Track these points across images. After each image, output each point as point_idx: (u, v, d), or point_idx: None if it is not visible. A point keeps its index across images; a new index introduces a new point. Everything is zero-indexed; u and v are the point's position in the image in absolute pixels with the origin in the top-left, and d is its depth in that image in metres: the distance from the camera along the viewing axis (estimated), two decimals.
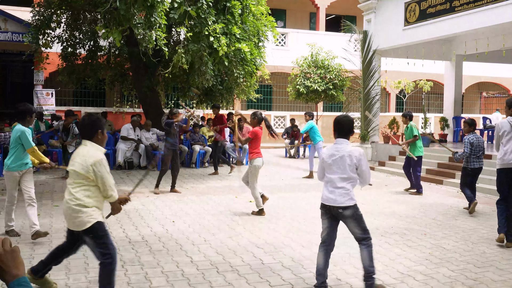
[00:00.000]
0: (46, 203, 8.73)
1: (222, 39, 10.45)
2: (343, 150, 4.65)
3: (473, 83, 27.26)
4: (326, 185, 4.73)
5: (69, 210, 4.18)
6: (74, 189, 4.18)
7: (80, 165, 4.12)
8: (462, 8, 12.93)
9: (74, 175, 4.17)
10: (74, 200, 4.15)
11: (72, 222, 4.21)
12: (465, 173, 8.70)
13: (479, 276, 5.31)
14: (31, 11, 13.41)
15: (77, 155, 4.21)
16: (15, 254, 1.67)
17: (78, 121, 13.30)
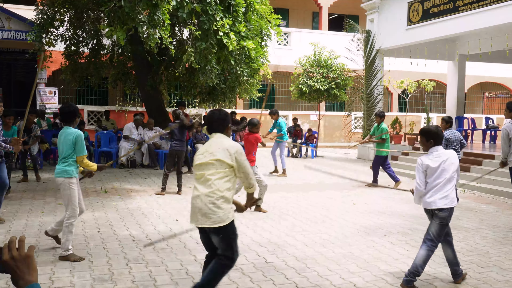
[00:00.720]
0: (50, 201, 8.76)
1: (231, 34, 10.45)
2: (445, 154, 4.98)
3: (475, 83, 27.22)
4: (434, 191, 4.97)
5: (208, 204, 3.97)
6: (217, 181, 3.99)
7: (223, 153, 4.02)
8: (465, 8, 12.93)
9: (217, 165, 4.02)
10: (218, 192, 3.97)
11: (207, 217, 3.97)
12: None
13: (483, 276, 5.31)
14: (35, 9, 13.43)
15: (212, 146, 4.10)
16: (30, 260, 1.64)
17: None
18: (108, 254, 5.72)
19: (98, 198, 9.17)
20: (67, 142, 5.50)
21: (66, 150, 5.52)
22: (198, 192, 4.03)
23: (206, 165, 4.04)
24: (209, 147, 4.12)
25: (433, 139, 5.01)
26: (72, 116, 5.64)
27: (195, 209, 4.05)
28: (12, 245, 1.63)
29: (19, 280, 1.61)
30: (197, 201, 4.02)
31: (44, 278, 4.84)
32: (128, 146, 13.51)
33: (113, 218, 7.56)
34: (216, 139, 4.17)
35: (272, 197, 9.70)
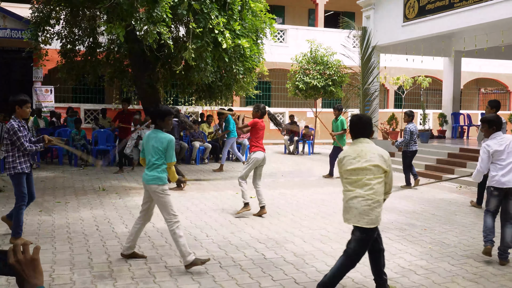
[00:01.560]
0: (48, 199, 8.77)
1: (226, 32, 10.47)
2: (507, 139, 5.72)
3: (471, 79, 27.31)
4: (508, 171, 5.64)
5: (368, 206, 4.22)
6: (376, 185, 4.25)
7: (379, 159, 4.27)
8: (461, 4, 12.97)
9: (374, 170, 4.25)
10: (375, 196, 4.23)
11: (363, 218, 4.22)
12: (406, 156, 10.88)
13: (480, 271, 5.36)
14: (30, 7, 13.40)
15: (365, 152, 4.30)
16: (36, 263, 1.64)
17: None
18: (108, 251, 5.74)
19: (96, 196, 9.19)
20: (159, 147, 5.19)
21: (158, 155, 5.21)
22: (356, 194, 4.28)
23: (363, 170, 4.26)
24: (361, 152, 4.31)
25: (495, 126, 5.77)
26: (164, 116, 5.32)
27: (352, 210, 4.29)
28: (17, 249, 1.63)
29: (25, 284, 1.61)
30: (356, 202, 4.27)
31: (44, 275, 4.83)
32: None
33: (111, 216, 7.58)
34: (367, 144, 4.39)
35: (271, 194, 9.74)
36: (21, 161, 5.92)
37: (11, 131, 5.77)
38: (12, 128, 5.75)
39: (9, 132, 5.78)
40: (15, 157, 5.88)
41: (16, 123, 5.80)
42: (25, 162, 5.98)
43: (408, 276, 5.16)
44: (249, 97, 21.37)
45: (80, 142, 13.31)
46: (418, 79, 21.85)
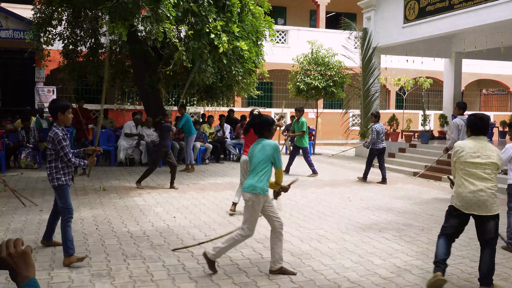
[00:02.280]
0: (49, 199, 8.82)
1: (223, 36, 10.54)
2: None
3: (473, 80, 27.32)
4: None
5: (490, 196, 4.79)
6: (494, 178, 4.87)
7: (497, 157, 4.85)
8: (460, 5, 13.01)
9: (492, 166, 4.83)
10: (495, 188, 4.82)
11: (488, 207, 4.79)
12: (372, 153, 11.64)
13: (474, 270, 5.40)
14: (33, 8, 13.49)
15: (485, 149, 4.85)
16: (27, 256, 1.72)
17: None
18: (106, 250, 5.80)
19: (96, 196, 9.26)
20: (264, 154, 5.10)
21: (263, 163, 5.11)
22: (479, 187, 4.80)
23: (482, 165, 4.82)
24: (482, 149, 4.86)
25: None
26: (267, 127, 5.27)
27: (477, 201, 4.81)
28: (9, 243, 1.71)
29: (17, 276, 1.69)
30: (481, 194, 4.79)
31: (43, 274, 4.93)
32: (127, 145, 13.59)
33: (111, 215, 7.65)
34: (486, 142, 4.93)
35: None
36: (65, 172, 5.43)
37: (55, 140, 5.26)
38: (57, 136, 5.25)
39: (53, 141, 5.27)
40: (58, 168, 5.38)
41: (60, 131, 5.31)
42: (69, 174, 5.51)
43: (403, 275, 5.20)
44: (250, 98, 21.44)
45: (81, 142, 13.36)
46: (419, 80, 21.90)
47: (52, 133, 5.30)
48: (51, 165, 5.41)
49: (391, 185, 11.30)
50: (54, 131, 5.31)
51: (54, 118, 5.42)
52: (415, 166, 13.44)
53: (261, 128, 5.29)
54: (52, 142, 5.29)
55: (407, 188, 10.95)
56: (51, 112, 5.41)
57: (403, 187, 11.06)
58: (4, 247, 1.70)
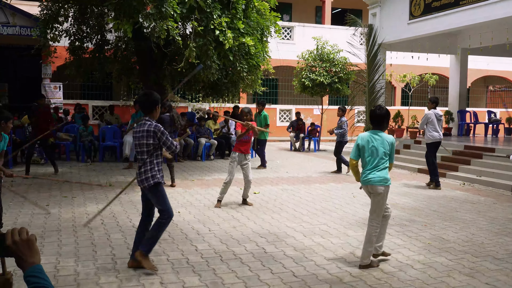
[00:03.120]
0: (55, 194, 8.93)
1: (228, 32, 10.58)
2: None
3: (479, 77, 27.23)
4: None
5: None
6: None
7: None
8: (466, 2, 12.98)
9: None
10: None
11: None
12: (341, 145, 12.49)
13: (476, 265, 5.44)
14: (39, 5, 13.58)
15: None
16: (31, 243, 1.77)
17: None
18: (112, 244, 5.88)
19: (102, 191, 9.34)
20: (385, 147, 5.30)
21: (385, 156, 5.30)
22: None
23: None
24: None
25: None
26: (386, 120, 5.44)
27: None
28: (14, 232, 1.78)
29: (23, 263, 1.76)
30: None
31: (49, 266, 5.01)
32: (132, 140, 13.65)
33: (116, 210, 7.73)
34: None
35: (274, 189, 9.87)
36: (159, 168, 5.09)
37: (158, 133, 4.94)
38: (159, 129, 4.93)
39: (156, 135, 4.94)
40: (153, 164, 5.04)
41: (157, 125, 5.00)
42: (161, 171, 5.15)
43: (405, 270, 5.24)
44: (256, 94, 21.48)
45: (88, 138, 13.47)
46: (425, 76, 21.86)
47: (152, 127, 4.92)
48: (146, 162, 5.00)
49: (395, 181, 11.31)
50: (152, 124, 4.95)
51: (147, 112, 5.05)
52: (419, 163, 13.44)
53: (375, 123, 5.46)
54: (154, 136, 4.94)
55: (411, 184, 10.98)
56: (147, 106, 5.04)
57: (407, 183, 11.08)
58: (9, 235, 1.76)
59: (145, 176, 4.99)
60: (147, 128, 4.93)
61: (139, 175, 5.03)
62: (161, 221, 5.04)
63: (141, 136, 4.97)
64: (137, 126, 5.04)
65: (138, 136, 4.98)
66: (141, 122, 5.04)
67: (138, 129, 5.00)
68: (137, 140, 5.01)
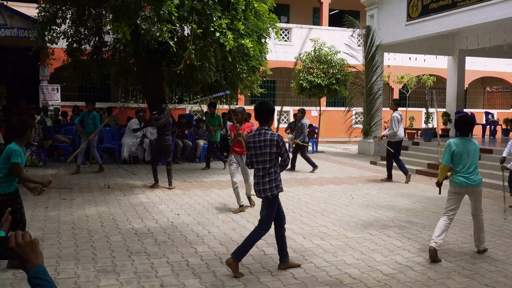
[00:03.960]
0: (54, 196, 8.92)
1: (228, 33, 10.59)
2: None
3: (476, 78, 27.29)
4: None
5: None
6: None
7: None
8: (464, 3, 13.03)
9: None
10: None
11: None
12: (304, 146, 13.05)
13: (476, 267, 5.46)
14: (37, 7, 13.58)
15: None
16: (35, 245, 1.81)
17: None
18: (111, 247, 5.88)
19: (101, 193, 9.33)
20: (476, 152, 5.85)
21: (475, 160, 5.84)
22: None
23: None
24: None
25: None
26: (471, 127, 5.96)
27: None
28: (17, 234, 1.81)
29: (26, 264, 1.78)
30: None
31: (49, 269, 5.00)
32: (131, 142, 13.64)
33: (116, 212, 7.72)
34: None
35: None
36: (280, 177, 5.22)
37: (280, 143, 4.98)
38: (282, 139, 4.99)
39: (278, 144, 4.97)
40: (276, 174, 5.11)
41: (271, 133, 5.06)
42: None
43: (404, 272, 5.26)
44: (254, 96, 21.49)
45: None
46: (423, 77, 21.91)
47: (275, 136, 4.98)
48: (270, 172, 5.06)
49: (394, 183, 11.34)
50: (275, 134, 5.02)
51: (264, 121, 5.11)
52: (417, 164, 13.48)
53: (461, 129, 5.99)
54: (277, 146, 4.98)
55: (409, 186, 11.00)
56: (265, 115, 5.06)
57: (406, 185, 11.10)
58: (13, 238, 1.79)
59: (269, 186, 5.05)
60: (270, 137, 4.98)
61: (262, 184, 5.06)
62: (260, 232, 5.12)
63: (264, 146, 5.00)
64: (254, 135, 5.08)
65: (259, 146, 5.00)
66: (258, 132, 5.06)
67: (257, 139, 5.03)
68: (258, 150, 5.03)
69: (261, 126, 5.09)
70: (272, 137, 4.98)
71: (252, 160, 5.13)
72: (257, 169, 5.11)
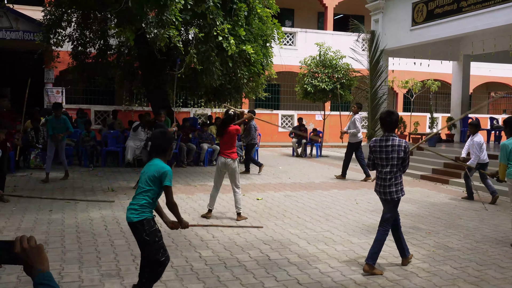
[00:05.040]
0: (58, 199, 8.91)
1: (230, 39, 10.60)
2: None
3: (481, 83, 27.24)
4: None
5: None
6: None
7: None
8: (469, 8, 13.00)
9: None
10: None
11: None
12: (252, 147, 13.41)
13: (481, 274, 5.42)
14: (43, 10, 13.63)
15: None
16: (40, 250, 1.79)
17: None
18: (115, 250, 5.87)
19: (105, 196, 9.33)
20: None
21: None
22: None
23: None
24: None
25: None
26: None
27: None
28: (23, 239, 1.79)
29: (32, 270, 1.76)
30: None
31: (53, 273, 4.98)
32: (135, 145, 13.63)
33: (120, 216, 7.71)
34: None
35: (277, 195, 9.85)
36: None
37: (407, 148, 5.35)
38: (408, 145, 5.37)
39: (405, 150, 5.34)
40: (402, 178, 5.53)
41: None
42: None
43: (410, 278, 5.23)
44: (258, 100, 21.50)
45: (90, 143, 13.47)
46: (427, 82, 21.86)
47: (403, 142, 5.34)
48: (397, 176, 5.41)
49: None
50: (402, 140, 5.37)
51: (391, 129, 5.44)
52: (422, 169, 13.43)
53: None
54: (404, 151, 5.33)
55: (414, 191, 10.95)
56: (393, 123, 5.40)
57: (410, 190, 11.05)
58: (18, 243, 1.77)
59: (395, 189, 5.41)
60: (398, 143, 5.35)
61: (388, 187, 5.42)
62: (387, 230, 5.48)
63: (391, 150, 5.36)
64: (381, 140, 5.43)
65: (386, 151, 5.37)
66: (385, 137, 5.42)
67: (384, 144, 5.40)
68: (385, 154, 5.39)
69: (388, 132, 5.44)
70: (400, 143, 5.36)
71: (375, 163, 5.56)
72: (382, 172, 5.46)
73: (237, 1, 11.17)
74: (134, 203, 4.31)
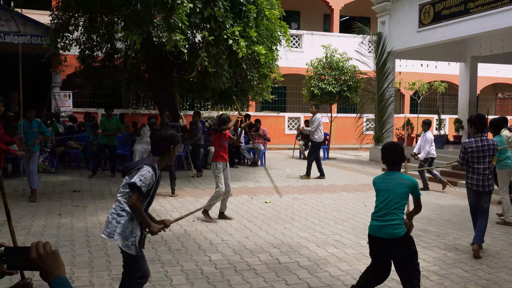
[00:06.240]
0: (66, 203, 8.94)
1: (241, 41, 10.59)
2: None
3: (488, 84, 27.13)
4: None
5: None
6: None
7: None
8: (476, 10, 12.96)
9: None
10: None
11: None
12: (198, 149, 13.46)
13: (492, 277, 5.39)
14: (50, 14, 13.68)
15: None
16: (56, 256, 1.79)
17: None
18: None
19: (114, 200, 9.33)
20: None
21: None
22: None
23: None
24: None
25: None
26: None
27: None
28: (38, 245, 1.79)
29: (48, 275, 1.76)
30: None
31: None
32: (143, 149, 13.65)
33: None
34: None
35: (285, 198, 9.84)
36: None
37: (496, 147, 6.37)
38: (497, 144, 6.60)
39: (496, 148, 6.33)
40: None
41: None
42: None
43: (421, 282, 5.19)
44: (264, 102, 21.50)
45: (97, 147, 13.47)
46: (434, 84, 21.80)
47: (494, 142, 6.23)
48: (491, 171, 6.27)
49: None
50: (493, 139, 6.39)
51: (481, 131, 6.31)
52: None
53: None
54: (495, 149, 6.24)
55: (422, 193, 10.87)
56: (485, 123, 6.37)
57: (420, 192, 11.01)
58: (34, 248, 1.77)
59: (492, 182, 6.28)
60: (492, 143, 6.21)
61: (487, 181, 6.22)
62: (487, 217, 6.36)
63: (487, 149, 6.19)
64: (476, 141, 6.22)
65: (483, 150, 6.16)
66: (480, 138, 6.24)
67: (480, 144, 6.17)
68: (481, 153, 6.19)
69: (481, 133, 6.25)
70: (493, 142, 6.22)
71: (468, 161, 6.27)
72: (480, 169, 6.20)
73: (246, 3, 11.17)
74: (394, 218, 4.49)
